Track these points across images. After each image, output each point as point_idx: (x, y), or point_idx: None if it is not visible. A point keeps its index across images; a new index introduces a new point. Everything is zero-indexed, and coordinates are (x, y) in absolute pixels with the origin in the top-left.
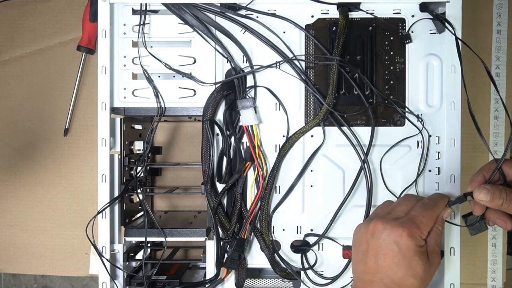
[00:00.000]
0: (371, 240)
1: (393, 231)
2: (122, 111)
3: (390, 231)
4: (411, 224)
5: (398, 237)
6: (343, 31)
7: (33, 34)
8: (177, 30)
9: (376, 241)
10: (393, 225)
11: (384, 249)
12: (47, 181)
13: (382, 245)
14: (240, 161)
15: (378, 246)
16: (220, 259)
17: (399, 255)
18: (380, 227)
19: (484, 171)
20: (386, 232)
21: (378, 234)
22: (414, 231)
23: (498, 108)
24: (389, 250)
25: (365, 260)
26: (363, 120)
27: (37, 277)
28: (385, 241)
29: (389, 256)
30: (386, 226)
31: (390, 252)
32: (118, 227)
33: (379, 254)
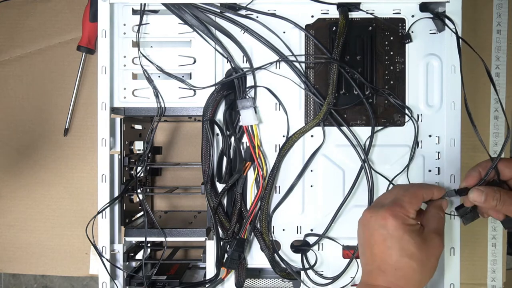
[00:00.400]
0: (363, 231)
1: (378, 216)
2: (122, 111)
3: (376, 217)
4: (394, 205)
5: (383, 220)
6: (343, 31)
7: (33, 34)
8: (177, 30)
9: (367, 231)
10: (377, 210)
11: (374, 236)
12: (47, 181)
13: (372, 232)
14: (240, 161)
15: (369, 234)
16: (220, 259)
17: (388, 238)
18: (367, 216)
19: (480, 168)
20: (373, 219)
21: (367, 223)
22: (397, 211)
23: (498, 108)
24: (378, 235)
25: (364, 252)
26: (363, 120)
27: (37, 277)
28: (373, 228)
29: (379, 241)
30: (372, 214)
31: (380, 236)
32: (118, 227)
33: (371, 242)
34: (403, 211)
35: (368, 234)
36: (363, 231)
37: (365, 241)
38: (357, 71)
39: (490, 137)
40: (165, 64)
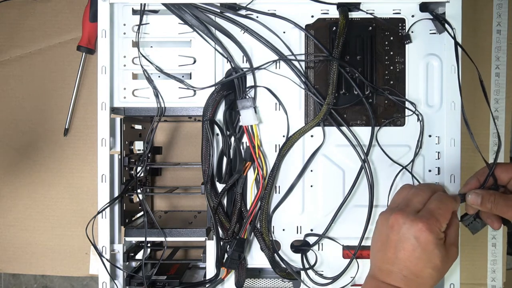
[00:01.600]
0: (390, 232)
1: (412, 226)
2: (122, 111)
3: (410, 225)
4: (430, 218)
5: (418, 232)
6: (343, 31)
7: (33, 34)
8: (177, 30)
9: (396, 234)
10: (412, 219)
11: (404, 243)
12: (47, 181)
13: (402, 239)
14: (240, 161)
15: (398, 239)
16: (220, 259)
17: (419, 249)
18: (400, 221)
19: (478, 175)
20: (406, 226)
21: (398, 228)
22: (434, 225)
23: (498, 108)
24: (409, 244)
25: (384, 250)
26: (363, 120)
27: (37, 277)
28: (404, 235)
29: (408, 250)
30: (406, 221)
31: (410, 246)
32: (118, 227)
33: (398, 246)
34: (438, 226)
35: (396, 238)
36: (390, 233)
37: (390, 243)
38: (357, 71)
39: (490, 137)
40: (165, 64)
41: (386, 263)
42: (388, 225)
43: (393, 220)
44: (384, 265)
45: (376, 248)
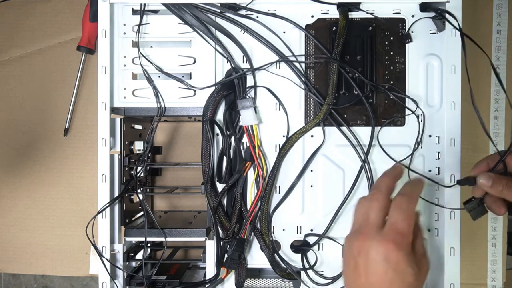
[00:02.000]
0: (358, 258)
1: (379, 247)
2: (122, 111)
3: (377, 248)
4: (396, 234)
5: (387, 252)
6: (343, 31)
7: (33, 34)
8: (177, 30)
9: (364, 260)
10: (378, 240)
11: (374, 267)
12: (47, 181)
13: (372, 263)
14: (240, 161)
15: (367, 265)
16: (220, 259)
17: (390, 271)
18: (366, 244)
19: (489, 160)
20: (373, 250)
21: (365, 253)
22: (401, 241)
23: (498, 108)
24: (379, 267)
25: (355, 277)
26: (363, 120)
27: (37, 277)
28: (374, 259)
29: (380, 273)
30: (371, 243)
31: (381, 269)
32: (118, 227)
33: (369, 271)
34: (405, 241)
35: (365, 264)
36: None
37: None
38: (357, 71)
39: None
40: (165, 64)
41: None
42: (354, 252)
43: (359, 245)
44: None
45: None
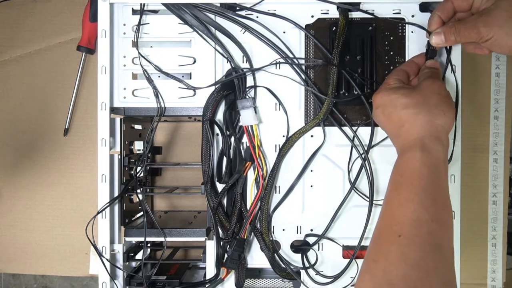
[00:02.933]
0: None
1: (374, 104)
2: (122, 111)
3: (374, 104)
4: (380, 87)
5: (373, 101)
6: (343, 31)
7: (33, 34)
8: (177, 30)
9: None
10: (382, 88)
11: (381, 116)
12: (47, 181)
13: (379, 117)
14: (240, 161)
15: (380, 120)
16: (220, 259)
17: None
18: (377, 96)
19: (439, 12)
20: (374, 108)
21: (375, 115)
22: (379, 89)
23: (498, 108)
24: (380, 115)
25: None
26: (363, 120)
27: (37, 277)
28: (376, 114)
29: (383, 118)
30: (374, 106)
31: (381, 115)
32: (118, 227)
33: (384, 124)
34: (382, 86)
35: (381, 118)
36: (379, 118)
37: (383, 127)
38: (357, 71)
39: (490, 137)
40: (165, 64)
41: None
42: (377, 107)
43: (376, 100)
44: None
45: (391, 126)
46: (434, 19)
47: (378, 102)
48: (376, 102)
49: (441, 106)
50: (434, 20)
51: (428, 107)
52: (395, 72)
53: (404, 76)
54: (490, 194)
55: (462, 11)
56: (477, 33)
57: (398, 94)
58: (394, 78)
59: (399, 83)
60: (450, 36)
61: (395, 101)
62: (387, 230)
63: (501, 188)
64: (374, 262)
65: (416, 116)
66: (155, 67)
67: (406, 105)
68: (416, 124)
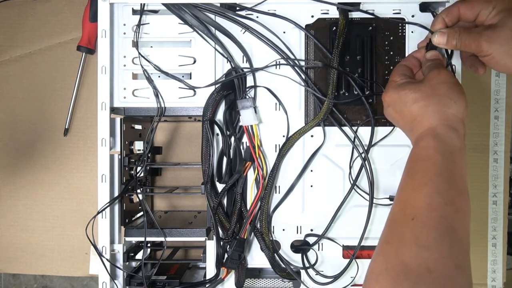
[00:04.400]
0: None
1: (384, 103)
2: (122, 111)
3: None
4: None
5: (384, 101)
6: (343, 31)
7: (33, 34)
8: (177, 30)
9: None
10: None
11: (392, 114)
12: (47, 181)
13: (391, 114)
14: (240, 161)
15: (392, 117)
16: (220, 259)
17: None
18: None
19: (444, 15)
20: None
21: (387, 114)
22: (387, 87)
23: (498, 108)
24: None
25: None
26: (363, 120)
27: (37, 277)
28: (388, 112)
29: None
30: (385, 106)
31: (392, 112)
32: (118, 227)
33: (396, 120)
34: (389, 84)
35: (393, 115)
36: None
37: (397, 124)
38: (357, 71)
39: (490, 137)
40: (165, 64)
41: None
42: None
43: (384, 100)
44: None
45: (404, 121)
46: (439, 20)
47: (388, 101)
48: (386, 101)
49: (451, 94)
50: (439, 20)
51: (438, 98)
52: (398, 69)
53: (408, 71)
54: (490, 194)
55: (466, 21)
56: (478, 46)
57: (406, 89)
58: (399, 74)
59: (406, 79)
60: (452, 40)
61: (404, 97)
62: (400, 214)
63: (501, 188)
64: (387, 244)
65: (427, 109)
66: (155, 66)
67: (415, 99)
68: (427, 115)
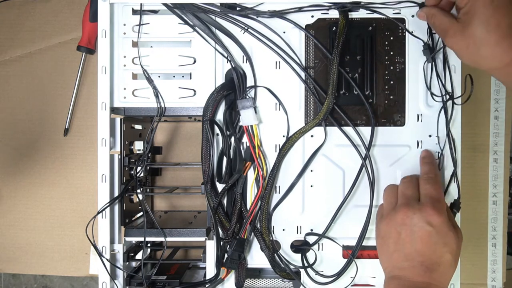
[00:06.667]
0: (402, 229)
1: (422, 213)
2: (122, 111)
3: (420, 214)
4: (433, 202)
5: (429, 217)
6: (343, 31)
7: (33, 34)
8: (177, 30)
9: (408, 228)
10: (420, 208)
11: (419, 233)
12: (47, 181)
13: (416, 230)
14: (240, 161)
15: (411, 232)
16: (220, 259)
17: (434, 234)
18: (409, 214)
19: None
20: (416, 216)
21: (409, 220)
22: (440, 206)
23: (498, 108)
24: (424, 232)
25: (400, 249)
26: (363, 120)
27: (37, 277)
28: (418, 225)
29: (425, 238)
30: (414, 211)
31: (426, 233)
32: (118, 227)
33: (414, 239)
34: (443, 206)
35: (409, 232)
36: (402, 230)
37: (405, 239)
38: (357, 71)
39: (490, 137)
40: (165, 64)
41: (405, 260)
42: (397, 223)
43: (402, 215)
44: (404, 263)
45: (389, 251)
46: None
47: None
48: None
49: None
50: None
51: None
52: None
53: None
54: (490, 194)
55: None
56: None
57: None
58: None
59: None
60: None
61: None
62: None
63: (501, 188)
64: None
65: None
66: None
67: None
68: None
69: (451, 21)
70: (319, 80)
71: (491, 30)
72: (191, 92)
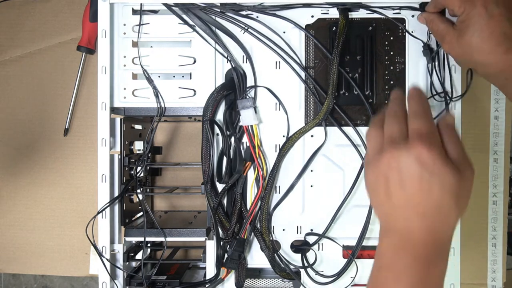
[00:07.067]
0: (388, 172)
1: (409, 151)
2: (122, 111)
3: (407, 152)
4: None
5: (419, 154)
6: (343, 31)
7: (33, 34)
8: (177, 30)
9: (397, 172)
10: (406, 145)
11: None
12: (47, 181)
13: (404, 171)
14: (240, 161)
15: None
16: (220, 259)
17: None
18: (394, 154)
19: (435, 2)
20: (403, 155)
21: (396, 162)
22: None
23: (498, 108)
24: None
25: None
26: (363, 120)
27: (37, 277)
28: (405, 166)
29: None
30: (400, 151)
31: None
32: (118, 227)
33: (403, 182)
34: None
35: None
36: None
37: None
38: (357, 71)
39: (490, 137)
40: (165, 64)
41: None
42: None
43: (388, 158)
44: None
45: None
46: (432, 5)
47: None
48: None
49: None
50: (432, 5)
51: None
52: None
53: None
54: (490, 194)
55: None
56: (441, 37)
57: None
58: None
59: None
60: (429, 23)
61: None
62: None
63: (501, 188)
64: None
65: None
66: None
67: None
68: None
69: (448, 28)
70: (319, 80)
71: (485, 38)
72: (191, 92)
